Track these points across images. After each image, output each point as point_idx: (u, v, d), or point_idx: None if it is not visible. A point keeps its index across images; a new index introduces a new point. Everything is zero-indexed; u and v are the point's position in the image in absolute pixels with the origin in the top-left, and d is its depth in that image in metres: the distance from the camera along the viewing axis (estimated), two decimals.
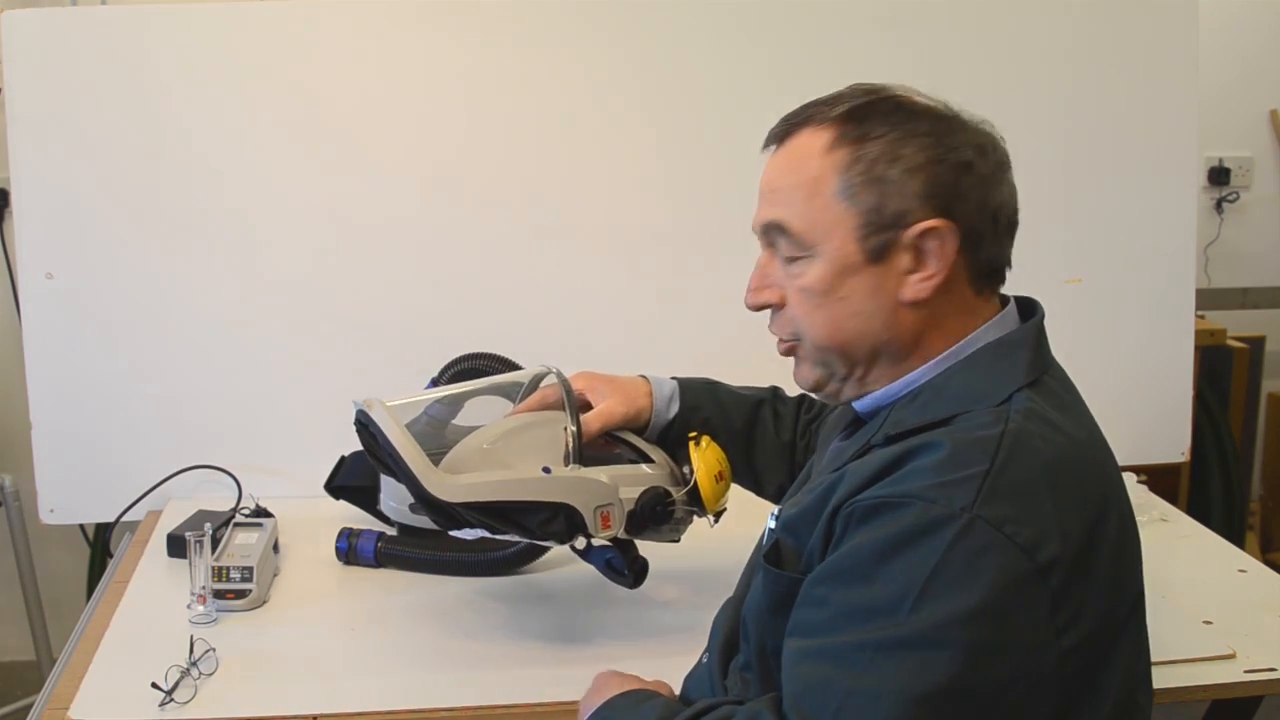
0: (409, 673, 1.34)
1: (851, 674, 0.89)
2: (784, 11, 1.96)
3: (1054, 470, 0.95)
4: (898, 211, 1.02)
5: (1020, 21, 2.01)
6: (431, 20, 1.91)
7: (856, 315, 1.05)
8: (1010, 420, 0.97)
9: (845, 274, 1.04)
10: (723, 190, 1.94)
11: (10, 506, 2.57)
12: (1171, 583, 1.56)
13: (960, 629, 0.88)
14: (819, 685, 0.91)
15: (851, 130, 1.04)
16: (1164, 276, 2.10)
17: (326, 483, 1.76)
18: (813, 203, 1.04)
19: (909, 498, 0.92)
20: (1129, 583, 1.01)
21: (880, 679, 0.88)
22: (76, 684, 1.30)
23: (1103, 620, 0.95)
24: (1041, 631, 0.90)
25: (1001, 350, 1.05)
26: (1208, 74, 2.16)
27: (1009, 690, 0.89)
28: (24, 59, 1.82)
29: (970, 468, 0.93)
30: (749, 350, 1.40)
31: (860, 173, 1.02)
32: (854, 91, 1.08)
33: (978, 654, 0.88)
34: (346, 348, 1.91)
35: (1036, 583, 0.90)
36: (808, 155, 1.05)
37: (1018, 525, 0.90)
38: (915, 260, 1.03)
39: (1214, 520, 2.89)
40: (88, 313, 1.87)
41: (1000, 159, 1.06)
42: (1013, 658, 0.89)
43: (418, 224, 1.93)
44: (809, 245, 1.05)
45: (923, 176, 1.01)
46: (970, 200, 1.02)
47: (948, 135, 1.03)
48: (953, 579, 0.88)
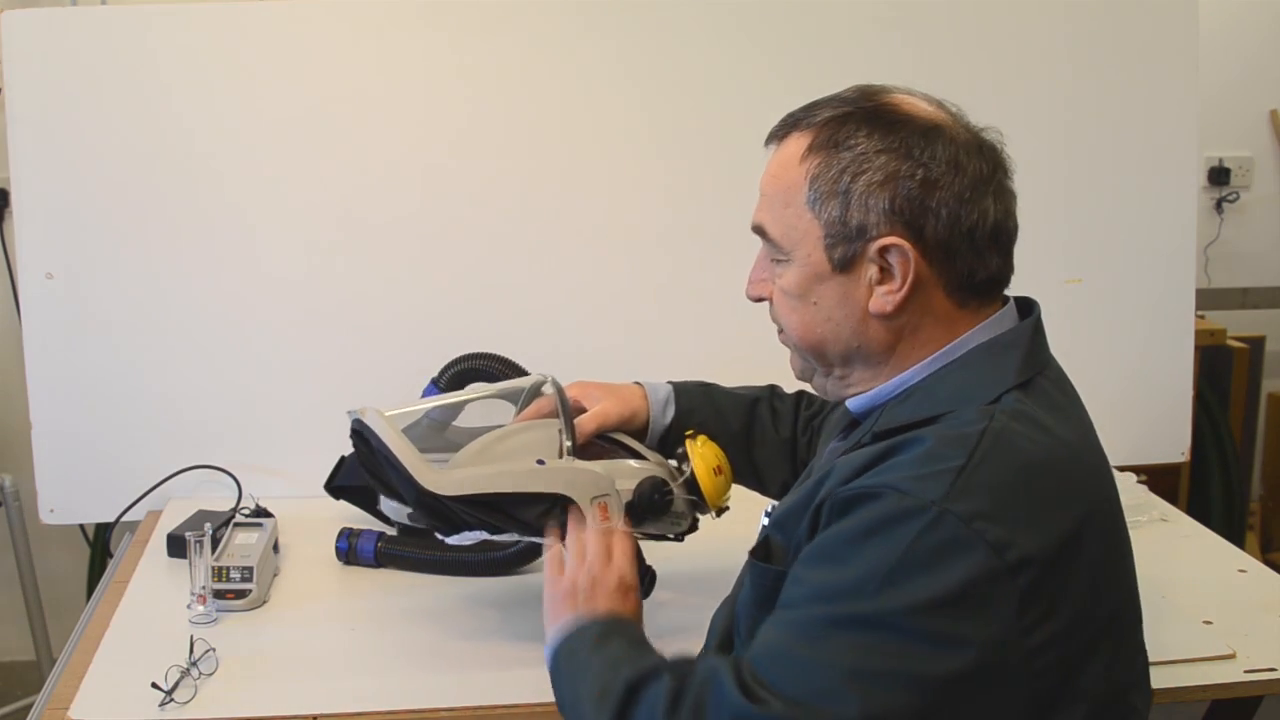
0: (409, 673, 1.34)
1: (809, 646, 0.92)
2: (784, 11, 1.96)
3: (1034, 471, 0.96)
4: (860, 224, 1.03)
5: (1020, 21, 2.01)
6: (432, 20, 1.91)
7: (828, 321, 1.07)
8: (995, 419, 0.98)
9: (816, 281, 1.07)
10: (723, 190, 1.94)
11: (10, 506, 2.57)
12: (1171, 583, 1.56)
13: (918, 617, 0.89)
14: (778, 651, 0.94)
15: (827, 138, 1.05)
16: (1164, 276, 2.10)
17: (326, 483, 1.76)
18: (787, 210, 1.07)
19: (885, 488, 0.94)
20: (1113, 587, 1.01)
21: (833, 654, 0.91)
22: (76, 684, 1.30)
23: (1078, 623, 0.94)
24: (1007, 629, 0.90)
25: (994, 351, 1.05)
26: (1208, 74, 2.16)
27: (964, 683, 0.90)
28: (24, 59, 1.82)
29: (947, 462, 0.94)
30: (748, 350, 1.41)
31: (828, 182, 1.04)
32: (845, 96, 1.08)
33: (934, 644, 0.89)
34: (346, 347, 1.91)
35: (1003, 580, 0.90)
36: (789, 161, 1.08)
37: (988, 522, 0.91)
38: (881, 273, 1.04)
39: (1214, 520, 2.89)
40: (88, 313, 1.87)
41: (983, 173, 1.04)
42: (971, 652, 0.90)
43: (419, 224, 1.93)
44: (785, 250, 1.08)
45: (887, 192, 1.02)
46: (939, 216, 1.02)
47: (923, 149, 1.02)
48: (917, 569, 0.90)
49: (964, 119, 1.08)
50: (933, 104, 1.08)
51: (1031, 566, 0.91)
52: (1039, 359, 1.07)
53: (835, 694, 0.89)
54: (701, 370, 1.49)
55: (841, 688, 0.89)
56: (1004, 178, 1.07)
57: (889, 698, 0.89)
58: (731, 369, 1.51)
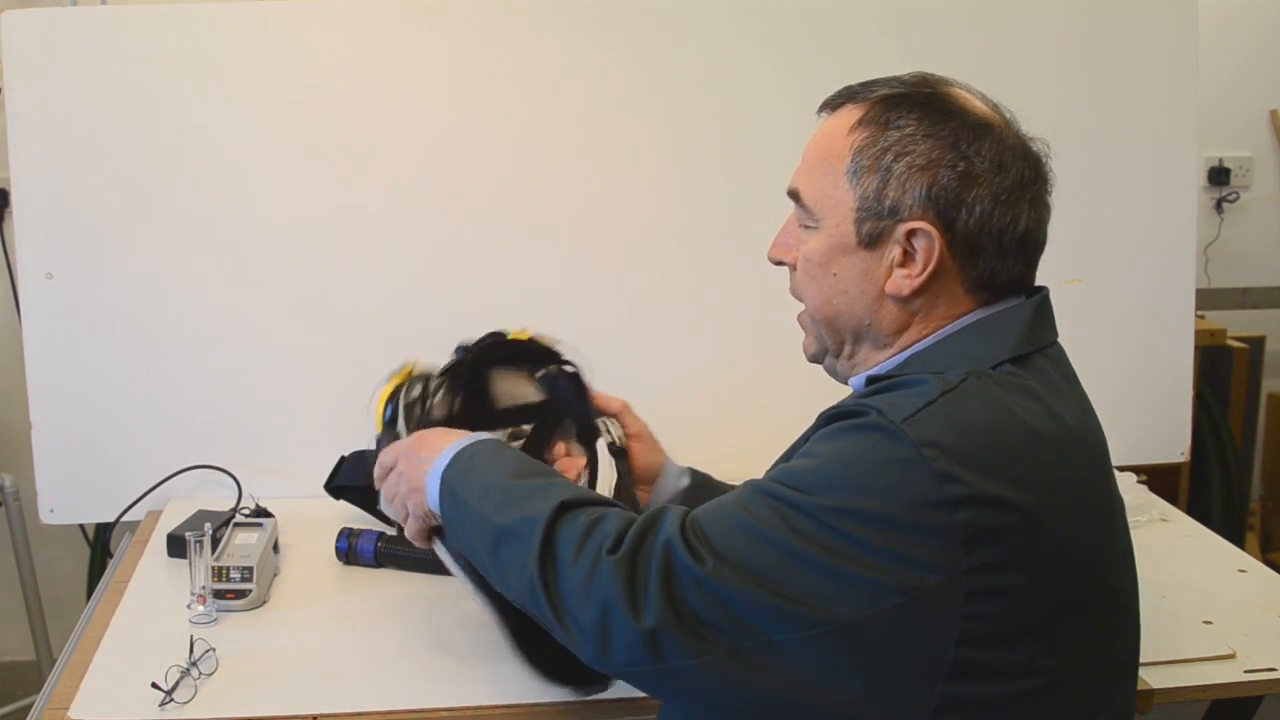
0: (409, 673, 1.34)
1: (750, 509, 0.98)
2: (783, 13, 1.96)
3: (1012, 427, 0.97)
4: (894, 204, 1.05)
5: (1020, 21, 2.01)
6: (433, 20, 1.90)
7: (845, 294, 1.09)
8: (981, 376, 1.00)
9: (840, 252, 1.08)
10: (723, 190, 1.95)
11: (10, 506, 2.57)
12: (1171, 583, 1.56)
13: (846, 520, 0.94)
14: (723, 508, 1.00)
15: (879, 115, 1.06)
16: (1164, 276, 2.10)
17: (326, 483, 1.76)
18: (825, 178, 1.09)
19: (866, 406, 0.99)
20: (1095, 567, 1.01)
21: (765, 523, 0.96)
22: (76, 684, 1.30)
23: (1042, 587, 0.95)
24: (939, 559, 0.92)
25: (992, 324, 1.07)
26: (1208, 74, 2.16)
27: (877, 591, 0.92)
28: (24, 59, 1.82)
29: (922, 396, 0.97)
30: (748, 349, 1.42)
31: (871, 157, 1.05)
32: (904, 79, 1.10)
33: (857, 547, 0.93)
34: (347, 348, 1.91)
35: (940, 511, 0.92)
36: (837, 131, 1.09)
37: (939, 452, 0.93)
38: (905, 256, 1.05)
39: (1214, 520, 2.89)
40: (88, 313, 1.87)
41: (1025, 179, 1.06)
42: (889, 564, 0.92)
43: (420, 225, 1.92)
44: (816, 217, 1.10)
45: (927, 177, 1.03)
46: (973, 212, 1.04)
47: (970, 143, 1.04)
48: (860, 475, 0.95)
49: (1016, 124, 1.10)
50: (989, 104, 1.10)
51: (977, 507, 0.93)
52: (1039, 337, 1.07)
53: (762, 564, 0.94)
54: (702, 368, 1.49)
55: (768, 559, 0.94)
56: (1043, 189, 1.09)
57: (805, 579, 0.93)
58: (731, 368, 1.51)
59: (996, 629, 0.94)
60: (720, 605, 0.95)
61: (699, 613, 0.95)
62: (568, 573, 0.99)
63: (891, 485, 0.93)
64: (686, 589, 0.95)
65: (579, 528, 1.00)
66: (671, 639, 0.95)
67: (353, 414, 1.33)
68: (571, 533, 1.00)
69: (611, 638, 0.97)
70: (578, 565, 0.99)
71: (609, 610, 0.96)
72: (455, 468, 1.14)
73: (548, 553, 1.00)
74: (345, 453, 1.77)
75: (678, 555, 0.96)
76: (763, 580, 0.94)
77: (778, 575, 0.94)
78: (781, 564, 0.94)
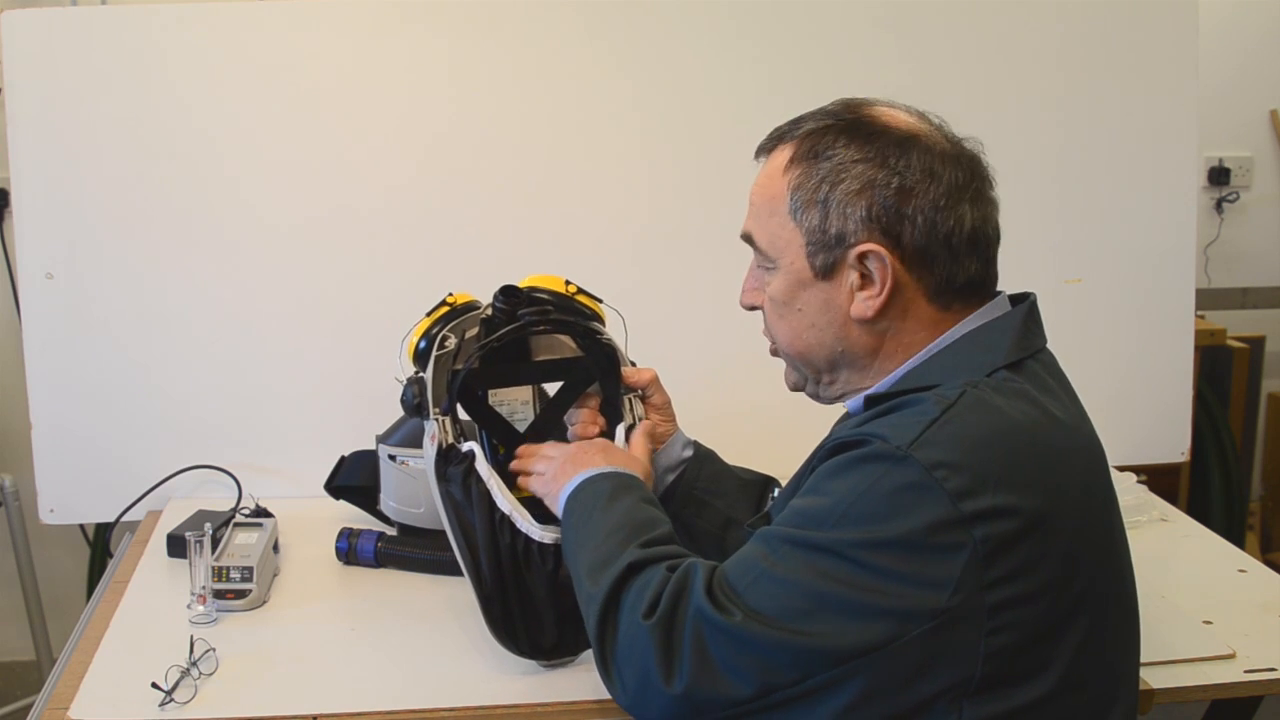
0: (409, 673, 1.34)
1: (771, 559, 1.00)
2: (783, 15, 1.96)
3: (1011, 433, 0.99)
4: (840, 232, 1.07)
5: (1020, 22, 2.01)
6: (433, 20, 1.91)
7: (813, 327, 1.12)
8: (978, 386, 1.02)
9: (800, 287, 1.11)
10: (722, 191, 1.95)
11: (10, 506, 2.57)
12: (1171, 583, 1.56)
13: (868, 552, 0.95)
14: (747, 560, 1.03)
15: (808, 150, 1.09)
16: (1164, 276, 2.10)
17: (326, 483, 1.76)
18: (772, 220, 1.12)
19: (870, 435, 1.00)
20: (1095, 568, 1.02)
21: (789, 570, 0.99)
22: (76, 684, 1.30)
23: (1049, 592, 0.97)
24: (962, 578, 0.93)
25: (984, 334, 1.08)
26: (1208, 74, 2.16)
27: (908, 620, 0.94)
28: (24, 59, 1.82)
29: (924, 415, 0.99)
30: (747, 349, 1.41)
31: (808, 191, 1.08)
32: (828, 110, 1.12)
33: (882, 578, 0.95)
34: (347, 348, 1.91)
35: (958, 529, 0.94)
36: (774, 173, 1.12)
37: (950, 471, 0.95)
38: (862, 279, 1.08)
39: (1214, 520, 2.89)
40: (88, 312, 1.87)
41: (959, 181, 1.07)
42: (917, 591, 0.94)
43: (420, 225, 1.92)
44: (772, 259, 1.13)
45: (864, 199, 1.06)
46: (916, 223, 1.05)
47: (899, 158, 1.06)
48: (875, 506, 0.96)
49: (946, 129, 1.11)
50: (913, 115, 1.11)
51: (993, 521, 0.94)
52: (1030, 343, 1.09)
53: (790, 610, 0.97)
54: (702, 368, 1.49)
55: (794, 604, 0.97)
56: (982, 186, 1.10)
57: (835, 619, 0.95)
58: (731, 368, 1.51)
59: (1018, 639, 0.96)
60: (751, 655, 0.98)
61: (731, 665, 0.99)
62: (616, 635, 1.06)
63: (909, 511, 0.95)
64: (718, 646, 0.99)
65: (633, 592, 1.06)
66: (705, 695, 1.00)
67: (353, 414, 1.33)
68: (628, 595, 1.07)
69: (649, 700, 1.03)
70: (624, 629, 1.06)
71: (647, 674, 1.02)
72: (580, 498, 1.23)
73: (608, 613, 1.07)
74: (345, 453, 1.77)
75: (708, 616, 1.00)
76: (793, 626, 0.97)
77: (807, 620, 0.96)
78: (810, 608, 0.97)
